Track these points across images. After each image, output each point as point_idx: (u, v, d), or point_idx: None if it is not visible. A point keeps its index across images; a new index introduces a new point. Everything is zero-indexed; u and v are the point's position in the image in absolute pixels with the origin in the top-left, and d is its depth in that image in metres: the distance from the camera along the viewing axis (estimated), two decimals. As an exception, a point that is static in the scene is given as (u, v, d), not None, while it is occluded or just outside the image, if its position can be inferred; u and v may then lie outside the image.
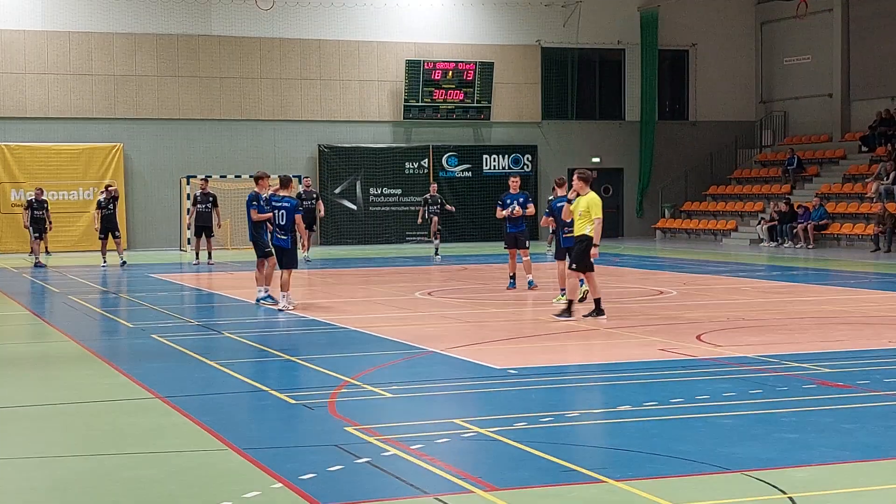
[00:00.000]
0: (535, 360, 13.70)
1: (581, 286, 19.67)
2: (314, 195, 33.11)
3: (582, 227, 17.28)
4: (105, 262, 30.66)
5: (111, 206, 30.93)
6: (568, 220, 18.47)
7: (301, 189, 33.37)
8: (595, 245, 17.17)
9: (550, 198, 21.04)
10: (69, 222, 37.76)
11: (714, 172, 46.26)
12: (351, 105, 41.88)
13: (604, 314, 17.25)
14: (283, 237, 19.15)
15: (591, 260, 17.22)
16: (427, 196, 33.33)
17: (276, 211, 19.18)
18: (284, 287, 19.05)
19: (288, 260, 19.21)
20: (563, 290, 19.82)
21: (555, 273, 20.69)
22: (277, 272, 19.59)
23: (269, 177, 20.69)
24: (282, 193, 19.46)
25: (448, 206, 33.32)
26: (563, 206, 19.56)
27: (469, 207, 42.32)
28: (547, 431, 9.52)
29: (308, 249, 32.73)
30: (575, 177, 17.57)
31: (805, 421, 9.81)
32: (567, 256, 19.72)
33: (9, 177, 38.02)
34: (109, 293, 23.29)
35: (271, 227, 19.65)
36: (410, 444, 8.99)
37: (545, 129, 44.33)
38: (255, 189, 20.26)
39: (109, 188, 31.66)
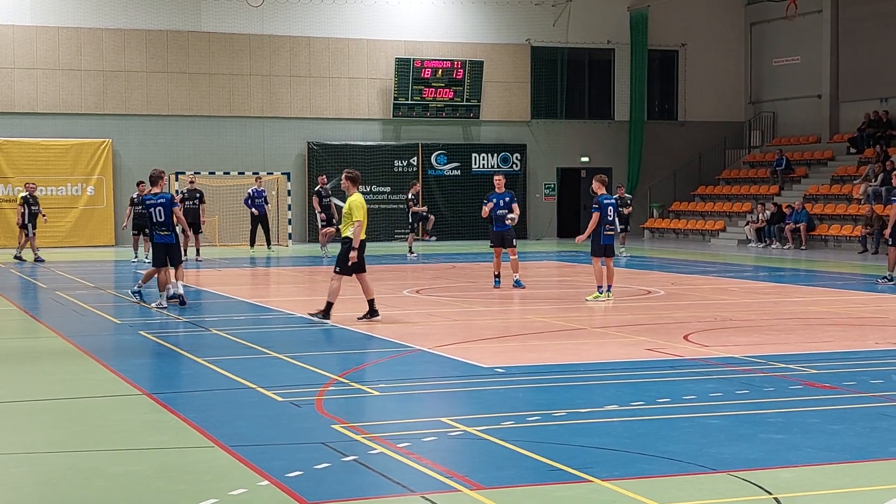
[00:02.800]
0: (522, 358, 13.72)
1: (607, 292, 19.81)
2: (331, 192, 33.05)
3: (346, 229, 17.19)
4: (187, 256, 30.45)
5: (195, 202, 31.06)
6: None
7: (318, 187, 33.27)
8: (353, 248, 17.15)
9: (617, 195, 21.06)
10: (58, 218, 37.67)
11: (702, 173, 46.35)
12: (340, 102, 41.88)
13: (378, 314, 17.09)
14: (165, 234, 19.21)
15: (350, 263, 17.07)
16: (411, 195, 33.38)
17: (154, 209, 19.16)
18: (172, 280, 19.23)
19: (175, 256, 19.40)
20: (599, 287, 19.97)
21: (541, 273, 20.69)
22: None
23: (164, 174, 20.65)
24: (154, 191, 19.45)
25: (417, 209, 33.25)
26: (608, 202, 19.86)
27: (458, 206, 42.35)
28: (534, 430, 9.53)
29: (325, 245, 32.69)
30: (343, 177, 17.53)
31: (791, 422, 9.83)
32: (605, 254, 19.92)
33: (-4, 172, 37.96)
34: (97, 289, 23.23)
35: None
36: (397, 443, 8.99)
37: (534, 129, 44.36)
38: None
39: (192, 182, 31.71)
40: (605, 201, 20.00)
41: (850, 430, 9.49)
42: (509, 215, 22.21)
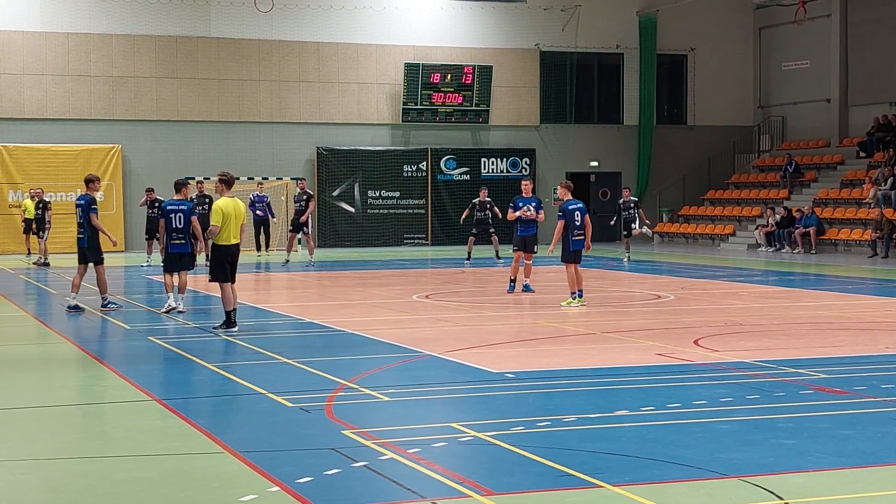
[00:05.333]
0: (532, 363, 13.69)
1: (579, 297, 19.72)
2: (305, 196, 32.72)
3: (219, 237, 16.86)
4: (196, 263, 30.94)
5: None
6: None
7: (298, 191, 33.18)
8: (201, 240, 17.03)
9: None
10: (68, 223, 37.67)
11: (712, 177, 46.28)
12: (349, 107, 41.89)
13: (234, 326, 16.66)
14: (180, 241, 19.23)
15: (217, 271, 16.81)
16: (476, 201, 31.88)
17: (174, 215, 19.19)
18: (182, 289, 19.37)
19: (186, 263, 19.55)
20: (573, 293, 19.86)
21: (550, 277, 20.66)
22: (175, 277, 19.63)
23: (100, 180, 20.48)
24: (177, 198, 19.50)
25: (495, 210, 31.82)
26: (574, 208, 19.73)
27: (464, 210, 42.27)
28: (544, 436, 9.52)
29: (312, 252, 32.26)
30: (217, 179, 17.37)
31: (802, 427, 9.80)
32: (575, 260, 19.81)
33: (6, 178, 38.02)
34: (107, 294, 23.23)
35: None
36: (407, 448, 8.98)
37: (543, 133, 44.34)
38: (87, 192, 19.83)
39: (201, 188, 31.72)
40: (570, 207, 19.81)
41: (861, 436, 9.47)
42: (533, 214, 22.22)
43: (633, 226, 32.58)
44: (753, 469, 8.28)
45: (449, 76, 42.26)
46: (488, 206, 31.05)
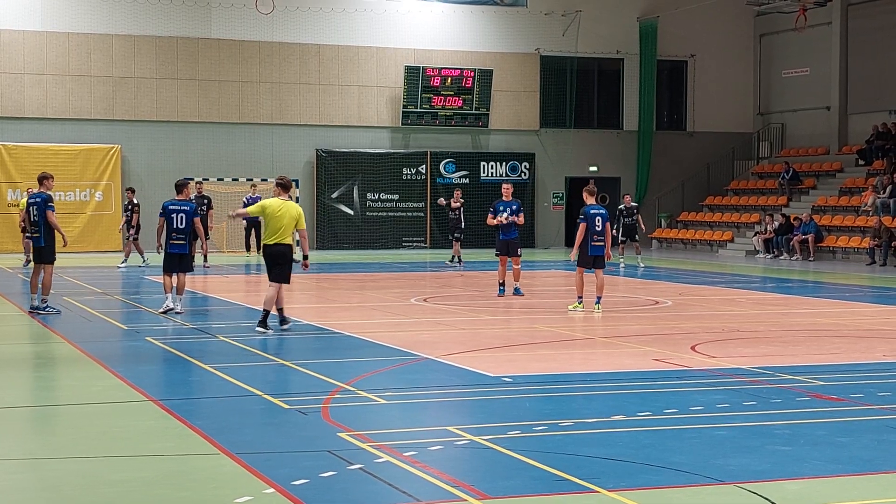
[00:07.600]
0: (529, 368, 13.70)
1: (596, 304, 19.62)
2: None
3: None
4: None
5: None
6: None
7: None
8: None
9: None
10: (66, 223, 37.66)
11: (711, 183, 46.30)
12: (349, 110, 41.90)
13: (268, 329, 16.72)
14: (180, 242, 19.21)
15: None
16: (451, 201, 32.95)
17: (175, 215, 19.17)
18: (180, 291, 19.26)
19: (185, 264, 19.44)
20: (579, 297, 19.82)
21: (548, 282, 20.64)
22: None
23: (53, 178, 20.25)
24: (178, 198, 19.47)
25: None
26: (595, 213, 19.61)
27: (466, 214, 42.26)
28: (540, 440, 9.51)
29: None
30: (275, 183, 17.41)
31: (798, 433, 9.80)
32: (594, 265, 19.70)
33: (5, 177, 38.02)
34: (104, 295, 23.27)
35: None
36: (403, 451, 8.98)
37: (543, 138, 44.36)
38: (41, 189, 19.46)
39: (200, 189, 31.61)
40: (591, 211, 19.66)
41: (858, 443, 9.47)
42: (512, 217, 22.28)
43: (636, 237, 32.99)
44: (749, 475, 8.27)
45: (449, 80, 42.28)
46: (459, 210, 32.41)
